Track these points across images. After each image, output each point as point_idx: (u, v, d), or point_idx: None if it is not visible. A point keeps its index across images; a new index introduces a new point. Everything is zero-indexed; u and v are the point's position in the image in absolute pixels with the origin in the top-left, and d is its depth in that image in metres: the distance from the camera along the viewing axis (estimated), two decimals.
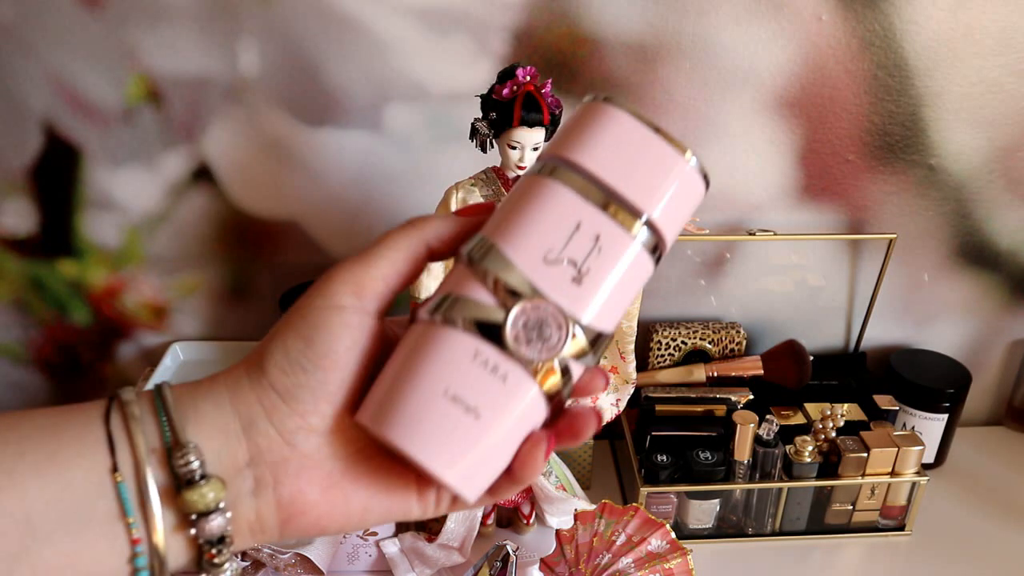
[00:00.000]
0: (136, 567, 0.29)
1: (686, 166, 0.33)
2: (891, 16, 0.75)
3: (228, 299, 0.88)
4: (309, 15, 0.73)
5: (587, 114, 0.33)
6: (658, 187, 0.32)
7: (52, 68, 0.75)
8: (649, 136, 0.32)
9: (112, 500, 0.29)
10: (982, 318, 0.92)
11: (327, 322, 0.31)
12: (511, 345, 0.31)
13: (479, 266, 0.32)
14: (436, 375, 0.31)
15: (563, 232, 0.32)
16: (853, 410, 0.80)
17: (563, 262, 0.31)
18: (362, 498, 0.33)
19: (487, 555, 0.61)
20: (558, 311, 0.31)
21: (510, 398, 0.31)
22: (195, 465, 0.30)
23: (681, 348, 0.86)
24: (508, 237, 0.32)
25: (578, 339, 0.32)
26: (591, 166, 0.32)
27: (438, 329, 0.31)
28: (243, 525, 0.31)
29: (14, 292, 0.85)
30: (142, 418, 0.30)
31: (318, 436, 0.32)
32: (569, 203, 0.32)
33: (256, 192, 0.82)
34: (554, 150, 0.33)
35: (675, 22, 0.74)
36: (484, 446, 0.31)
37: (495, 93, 0.62)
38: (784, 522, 0.77)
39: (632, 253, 0.32)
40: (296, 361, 0.31)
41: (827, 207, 0.84)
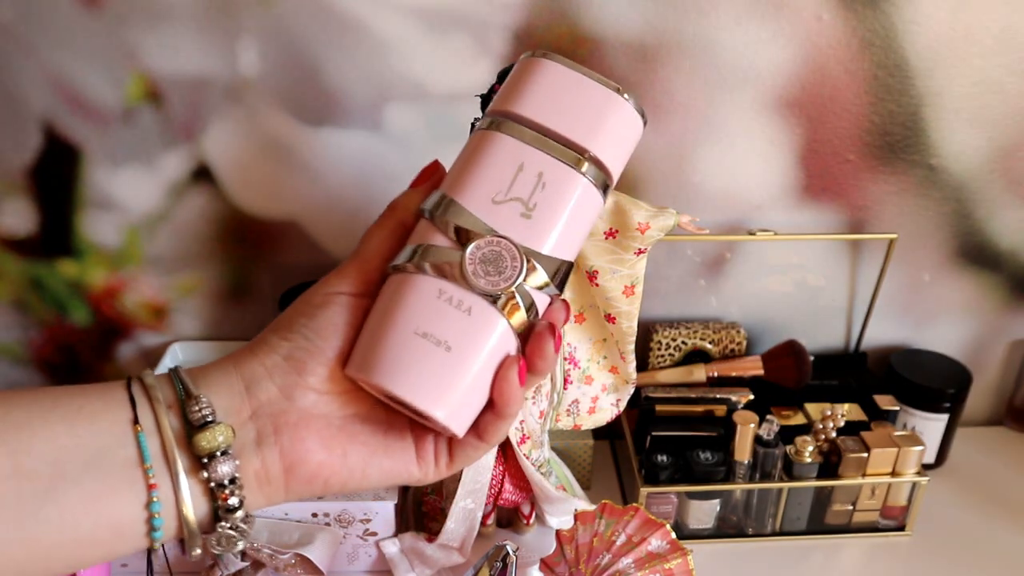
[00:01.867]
0: (152, 512, 0.32)
1: (619, 102, 0.36)
2: (892, 16, 0.75)
3: (228, 299, 0.87)
4: (309, 15, 0.73)
5: (523, 69, 0.37)
6: (592, 123, 0.35)
7: (52, 68, 0.74)
8: (581, 80, 0.35)
9: (132, 448, 0.32)
10: (983, 318, 0.92)
11: (329, 303, 0.36)
12: (471, 279, 0.34)
13: (438, 218, 0.35)
14: (406, 317, 0.34)
15: (507, 174, 0.35)
16: (853, 410, 0.80)
17: (510, 200, 0.35)
18: (361, 455, 0.36)
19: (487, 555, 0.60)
20: (510, 243, 0.34)
21: (477, 329, 0.34)
22: (207, 411, 0.33)
23: (681, 348, 0.86)
24: (460, 188, 0.35)
25: (537, 268, 0.35)
26: (527, 113, 0.35)
27: (406, 276, 0.35)
28: (251, 475, 0.34)
29: (13, 292, 0.85)
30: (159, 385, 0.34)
31: (315, 394, 0.35)
32: (510, 149, 0.35)
33: (256, 192, 0.82)
34: (495, 106, 0.37)
35: (675, 22, 0.74)
36: (459, 377, 0.34)
37: (495, 93, 0.62)
38: (784, 522, 0.77)
39: (577, 184, 0.35)
40: (299, 331, 0.35)
41: (827, 207, 0.84)
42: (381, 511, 0.69)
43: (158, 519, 0.32)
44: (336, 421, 0.36)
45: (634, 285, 0.64)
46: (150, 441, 0.32)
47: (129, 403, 0.33)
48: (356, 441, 0.36)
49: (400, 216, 0.37)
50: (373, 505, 0.68)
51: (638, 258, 0.63)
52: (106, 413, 0.33)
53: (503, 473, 0.71)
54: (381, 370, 0.33)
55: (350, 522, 0.69)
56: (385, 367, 0.33)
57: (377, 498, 0.68)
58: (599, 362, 0.71)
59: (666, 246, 0.84)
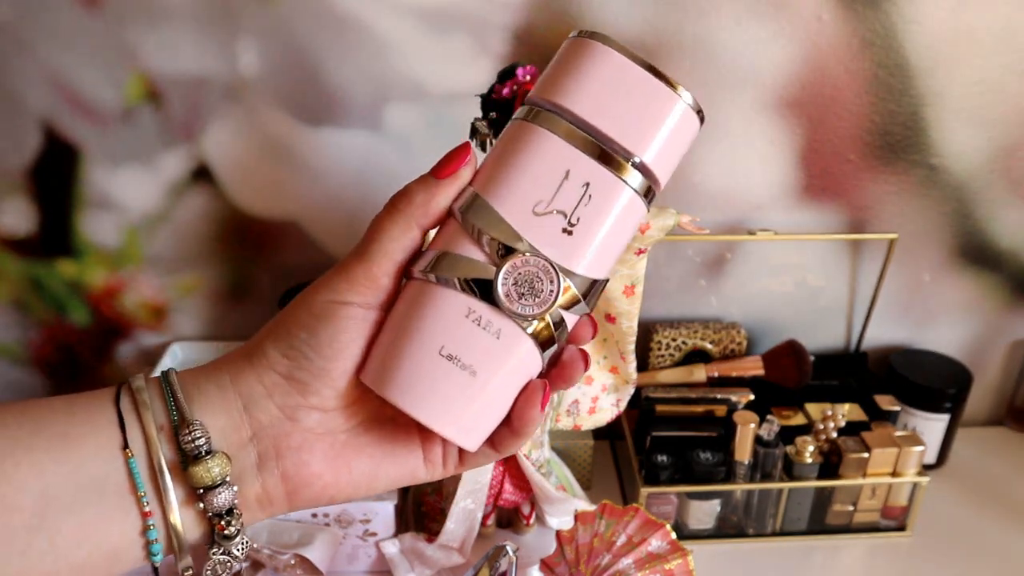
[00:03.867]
0: (148, 539, 0.31)
1: (679, 104, 0.32)
2: (892, 15, 0.75)
3: (227, 299, 0.87)
4: (309, 15, 0.73)
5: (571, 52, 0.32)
6: (649, 128, 0.31)
7: (51, 68, 0.74)
8: (638, 74, 0.31)
9: (123, 475, 0.30)
10: (983, 318, 0.92)
11: (332, 314, 0.32)
12: (503, 302, 0.31)
13: (469, 222, 0.31)
14: (431, 334, 0.31)
15: (552, 181, 0.31)
16: (854, 410, 0.80)
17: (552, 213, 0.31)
18: (366, 466, 0.34)
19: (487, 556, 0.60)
20: (549, 265, 0.31)
21: (505, 354, 0.31)
22: (201, 441, 0.31)
23: (681, 348, 0.86)
24: (496, 190, 0.31)
25: (570, 289, 0.32)
26: (577, 109, 0.31)
27: (431, 288, 0.32)
28: (251, 498, 0.33)
29: (13, 292, 0.85)
30: (150, 400, 0.32)
31: (319, 413, 0.33)
32: (556, 150, 0.31)
33: (256, 192, 0.82)
34: (539, 92, 0.32)
35: (675, 22, 0.74)
36: (481, 401, 0.32)
37: (495, 93, 0.62)
38: (785, 522, 0.77)
39: (624, 198, 0.31)
40: (299, 349, 0.32)
41: (828, 207, 0.84)
42: (381, 511, 0.69)
43: (156, 545, 0.31)
44: (341, 436, 0.34)
45: (634, 285, 0.64)
46: (141, 467, 0.31)
47: (118, 423, 0.31)
48: (362, 454, 0.34)
49: (416, 214, 0.33)
50: (373, 505, 0.68)
51: (638, 258, 0.63)
52: (94, 436, 0.31)
53: (503, 473, 0.71)
54: (400, 389, 0.31)
55: (350, 522, 0.69)
56: (405, 386, 0.31)
57: (377, 498, 0.68)
58: (599, 362, 0.71)
59: (666, 246, 0.84)
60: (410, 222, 0.33)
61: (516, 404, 0.33)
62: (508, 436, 0.34)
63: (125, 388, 0.32)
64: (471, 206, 0.32)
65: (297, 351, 0.32)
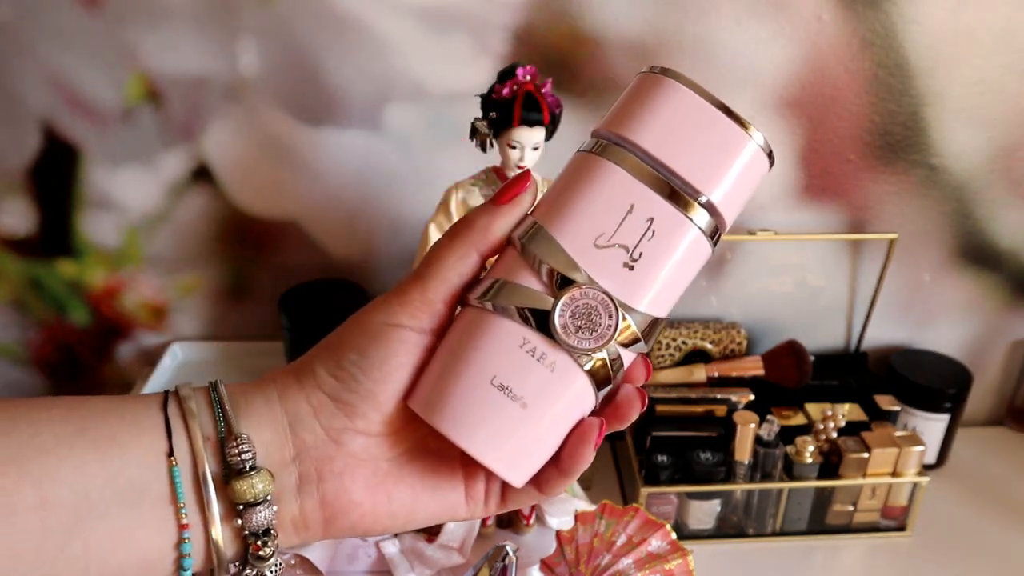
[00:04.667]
0: (182, 553, 0.30)
1: (749, 144, 0.31)
2: (892, 15, 0.75)
3: (227, 299, 0.87)
4: (309, 15, 0.73)
5: (643, 87, 0.32)
6: (718, 167, 0.31)
7: (51, 68, 0.74)
8: (709, 112, 0.31)
9: (165, 483, 0.30)
10: (983, 318, 0.92)
11: (384, 337, 0.31)
12: (559, 334, 0.30)
13: (528, 251, 0.31)
14: (483, 363, 0.30)
15: (615, 215, 0.30)
16: (854, 410, 0.79)
17: (614, 247, 0.30)
18: (406, 498, 0.33)
19: (487, 556, 0.60)
20: (608, 299, 0.30)
21: (558, 387, 0.30)
22: (247, 455, 0.30)
23: (681, 348, 0.86)
24: (558, 221, 0.31)
25: (630, 326, 0.31)
26: (645, 144, 0.30)
27: (486, 316, 0.31)
28: (287, 521, 0.32)
29: (13, 292, 0.85)
30: (198, 409, 0.31)
31: (364, 438, 0.32)
32: (621, 184, 0.31)
33: (256, 192, 0.82)
34: (606, 125, 0.32)
35: (675, 22, 0.74)
36: (531, 434, 0.31)
37: (495, 93, 0.62)
38: (785, 522, 0.77)
39: (688, 237, 0.31)
40: (348, 369, 0.31)
41: (828, 207, 0.84)
42: None
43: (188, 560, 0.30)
44: (384, 465, 0.33)
45: None
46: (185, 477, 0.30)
47: (165, 430, 0.30)
48: (403, 484, 0.33)
49: (476, 242, 0.32)
50: None
51: None
52: (139, 440, 0.30)
53: None
54: (447, 417, 0.30)
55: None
56: (452, 414, 0.30)
57: None
58: None
59: None
60: (469, 248, 0.32)
61: (568, 442, 0.32)
62: (555, 476, 0.32)
63: (172, 395, 0.32)
64: (531, 235, 0.31)
65: (346, 372, 0.31)
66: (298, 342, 0.79)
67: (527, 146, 0.62)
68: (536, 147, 0.63)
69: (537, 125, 0.61)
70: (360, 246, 0.85)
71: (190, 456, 0.30)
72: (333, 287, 0.83)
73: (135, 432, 0.30)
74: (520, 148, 0.62)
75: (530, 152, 0.62)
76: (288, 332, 0.79)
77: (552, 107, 0.62)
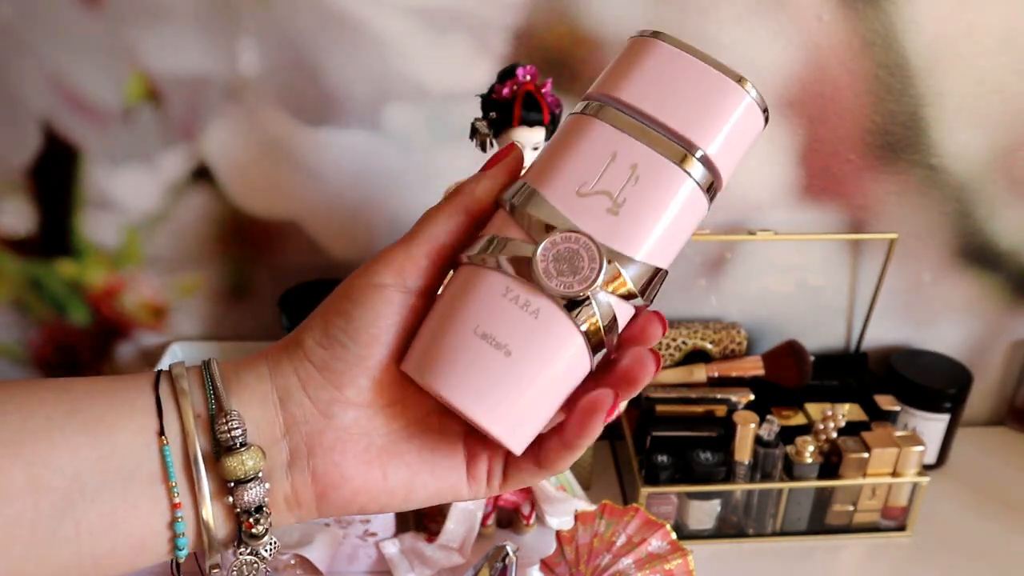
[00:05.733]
0: (175, 532, 0.30)
1: (739, 94, 0.31)
2: (892, 15, 0.75)
3: (227, 299, 0.87)
4: (309, 15, 0.73)
5: (631, 50, 0.32)
6: (705, 116, 0.30)
7: (51, 67, 0.74)
8: (699, 66, 0.31)
9: (156, 463, 0.30)
10: (983, 318, 0.92)
11: (368, 299, 0.31)
12: (540, 278, 0.29)
13: (516, 209, 0.31)
14: (467, 315, 0.30)
15: (597, 164, 0.30)
16: (854, 410, 0.80)
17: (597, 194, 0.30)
18: (403, 475, 0.32)
19: (487, 556, 0.60)
20: (590, 241, 0.30)
21: (543, 335, 0.30)
22: (237, 432, 0.30)
23: (682, 348, 0.86)
24: (543, 176, 0.31)
25: (621, 274, 0.30)
26: (629, 99, 0.31)
27: (473, 270, 0.31)
28: (280, 498, 0.31)
29: (13, 292, 0.85)
30: (190, 388, 0.31)
31: (355, 409, 0.32)
32: (604, 136, 0.31)
33: (256, 192, 0.81)
34: (593, 88, 0.32)
35: (675, 22, 0.74)
36: (519, 387, 0.30)
37: (495, 93, 0.62)
38: (785, 523, 0.77)
39: (675, 182, 0.31)
40: (334, 336, 0.31)
41: (828, 207, 0.84)
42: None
43: (182, 539, 0.30)
44: (379, 440, 0.32)
45: None
46: (175, 456, 0.30)
47: (156, 409, 0.30)
48: (399, 461, 0.32)
49: (466, 202, 0.32)
50: None
51: None
52: (130, 421, 0.30)
53: None
54: (434, 371, 0.30)
55: (350, 523, 0.69)
56: (439, 369, 0.30)
57: None
58: None
59: None
60: (456, 206, 0.32)
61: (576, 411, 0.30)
62: (557, 447, 0.31)
63: (165, 375, 0.31)
64: (518, 193, 0.31)
65: (332, 338, 0.31)
66: None
67: (527, 146, 0.62)
68: (536, 147, 0.63)
69: (537, 125, 0.61)
70: (360, 246, 0.85)
71: (180, 435, 0.30)
72: (333, 287, 0.83)
73: (126, 412, 0.30)
74: (520, 148, 0.62)
75: (530, 152, 0.62)
76: (288, 332, 0.79)
77: (552, 107, 0.62)
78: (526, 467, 0.33)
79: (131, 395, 0.30)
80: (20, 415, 0.28)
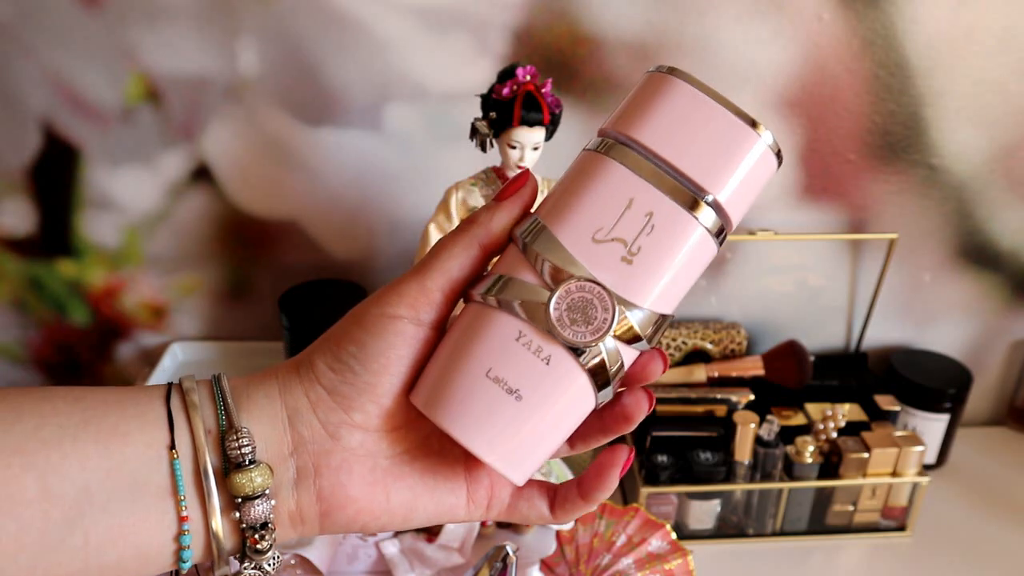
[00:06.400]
0: (181, 545, 0.30)
1: (755, 142, 0.31)
2: (892, 15, 0.75)
3: (227, 299, 0.87)
4: (309, 15, 0.73)
5: (648, 86, 0.32)
6: (723, 165, 0.31)
7: (51, 67, 0.74)
8: (716, 110, 0.31)
9: (166, 476, 0.30)
10: (983, 318, 0.92)
11: (382, 329, 0.32)
12: (554, 327, 0.30)
13: (529, 248, 0.31)
14: (480, 356, 0.31)
15: (614, 210, 0.30)
16: (854, 410, 0.80)
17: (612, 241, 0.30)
18: (405, 497, 0.33)
19: (487, 556, 0.60)
20: (604, 292, 0.30)
21: (553, 381, 0.30)
22: (247, 449, 0.31)
23: (682, 348, 0.86)
24: (558, 218, 0.31)
25: (629, 321, 0.31)
26: (646, 141, 0.31)
27: (486, 310, 0.31)
28: (284, 515, 0.32)
29: (13, 292, 0.85)
30: (200, 402, 0.31)
31: (362, 432, 0.32)
32: (621, 180, 0.31)
33: (256, 192, 0.82)
34: (610, 124, 0.32)
35: (676, 21, 0.74)
36: (527, 429, 0.31)
37: (495, 92, 0.62)
38: (785, 523, 0.77)
39: (689, 232, 0.31)
40: (346, 362, 0.32)
41: (828, 207, 0.84)
42: None
43: (187, 551, 0.30)
44: (383, 462, 0.33)
45: None
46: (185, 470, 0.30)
47: (167, 422, 0.31)
48: (402, 482, 0.33)
49: (479, 235, 0.32)
50: None
51: None
52: (141, 434, 0.30)
53: None
54: (444, 410, 0.31)
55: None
56: (451, 409, 0.31)
57: None
58: None
59: None
60: (471, 240, 0.32)
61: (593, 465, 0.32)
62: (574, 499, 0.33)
63: (176, 388, 0.32)
64: (532, 232, 0.31)
65: (344, 364, 0.32)
66: (298, 342, 0.79)
67: (527, 146, 0.62)
68: (536, 147, 0.63)
69: (537, 125, 0.61)
70: (360, 246, 0.85)
71: (191, 449, 0.30)
72: (333, 287, 0.83)
73: (138, 425, 0.30)
74: (520, 148, 0.62)
75: (530, 152, 0.62)
76: (288, 332, 0.79)
77: (552, 107, 0.62)
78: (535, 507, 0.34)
79: (142, 408, 0.31)
80: (33, 423, 0.29)
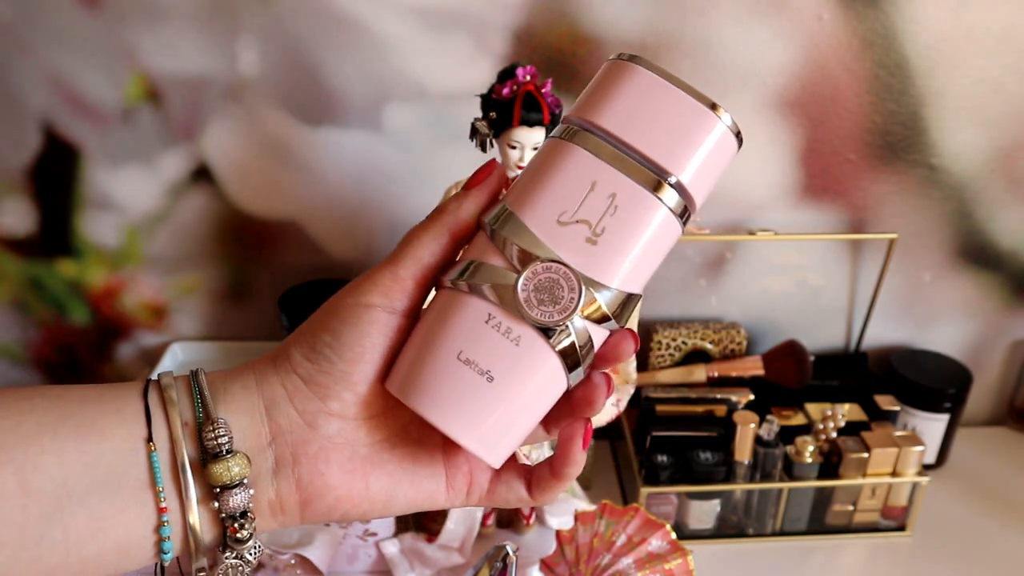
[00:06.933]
0: (161, 536, 0.31)
1: (715, 124, 0.32)
2: (892, 15, 0.75)
3: (227, 299, 0.87)
4: (309, 15, 0.73)
5: (609, 74, 0.33)
6: (684, 147, 0.31)
7: (51, 67, 0.74)
8: (674, 93, 0.31)
9: (144, 469, 0.30)
10: (983, 318, 0.92)
11: (355, 318, 0.32)
12: (523, 308, 0.31)
13: (497, 233, 0.32)
14: (450, 340, 0.31)
15: (577, 193, 0.31)
16: (854, 410, 0.80)
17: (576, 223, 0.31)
18: (384, 484, 0.34)
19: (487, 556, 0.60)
20: (570, 272, 0.31)
21: (524, 361, 0.31)
22: (224, 439, 0.31)
23: (682, 348, 0.86)
24: (524, 203, 0.32)
25: (597, 301, 0.31)
26: (607, 126, 0.32)
27: (456, 295, 0.32)
28: (264, 504, 0.33)
29: (13, 292, 0.85)
30: (178, 397, 0.32)
31: (340, 421, 0.33)
32: (584, 164, 0.32)
33: (256, 192, 0.82)
34: (573, 112, 0.33)
35: (675, 22, 0.74)
36: (501, 410, 0.31)
37: (495, 93, 0.62)
38: (785, 522, 0.77)
39: (652, 211, 0.31)
40: (321, 352, 0.32)
41: (828, 207, 0.84)
42: None
43: (167, 543, 0.31)
44: (361, 450, 0.33)
45: None
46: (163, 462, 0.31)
47: (144, 417, 0.31)
48: (381, 471, 0.33)
49: (448, 223, 0.33)
50: None
51: None
52: (119, 428, 0.31)
53: None
54: (420, 395, 0.31)
55: (350, 523, 0.69)
56: (425, 392, 0.31)
57: None
58: None
59: None
60: (441, 228, 0.33)
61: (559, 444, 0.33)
62: (547, 478, 0.34)
63: (153, 384, 0.32)
64: (499, 218, 0.32)
65: (319, 354, 0.32)
66: None
67: (527, 146, 0.62)
68: (536, 147, 0.63)
69: (537, 125, 0.61)
70: (360, 246, 0.85)
71: (168, 442, 0.31)
72: (333, 287, 0.82)
73: (115, 420, 0.31)
74: (520, 148, 0.62)
75: (530, 152, 0.62)
76: (288, 332, 0.79)
77: (552, 107, 0.62)
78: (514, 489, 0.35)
79: (120, 403, 0.31)
80: (13, 420, 0.29)
